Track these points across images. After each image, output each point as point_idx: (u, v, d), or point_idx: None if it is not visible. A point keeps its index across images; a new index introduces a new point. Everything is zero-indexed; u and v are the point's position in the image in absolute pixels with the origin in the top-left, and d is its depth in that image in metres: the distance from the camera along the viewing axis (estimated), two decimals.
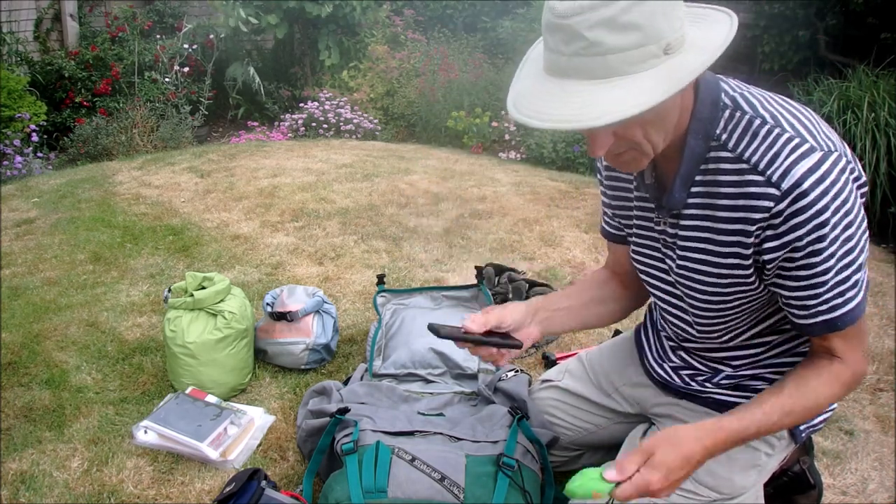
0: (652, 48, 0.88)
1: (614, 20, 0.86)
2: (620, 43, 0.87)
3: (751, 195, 1.00)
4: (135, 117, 4.98)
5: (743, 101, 1.03)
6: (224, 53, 6.30)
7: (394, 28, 6.28)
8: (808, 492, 1.47)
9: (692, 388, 1.30)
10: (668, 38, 0.89)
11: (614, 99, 0.88)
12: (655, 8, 0.87)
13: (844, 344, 1.07)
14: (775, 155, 0.98)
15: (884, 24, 4.51)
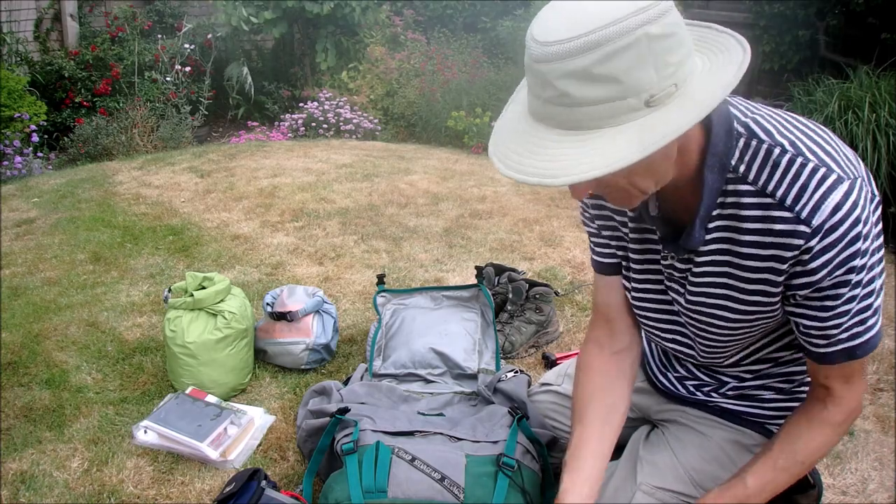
0: (631, 102, 0.80)
1: (587, 71, 0.78)
2: (591, 96, 0.80)
3: (779, 232, 0.94)
4: (135, 117, 4.98)
5: (757, 128, 0.96)
6: (224, 53, 6.30)
7: (393, 28, 6.28)
8: (808, 491, 1.47)
9: (697, 397, 1.29)
10: (653, 89, 0.80)
11: (580, 156, 0.81)
12: (639, 59, 0.78)
13: (845, 382, 1.04)
14: (802, 188, 0.91)
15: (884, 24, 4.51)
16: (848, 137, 3.97)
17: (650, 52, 0.78)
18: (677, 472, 1.25)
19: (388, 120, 5.63)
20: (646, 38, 0.77)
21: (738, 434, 1.24)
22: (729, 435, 1.25)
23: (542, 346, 2.19)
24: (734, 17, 5.80)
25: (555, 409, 1.54)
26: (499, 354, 2.00)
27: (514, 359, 2.13)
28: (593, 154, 0.81)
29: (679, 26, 0.82)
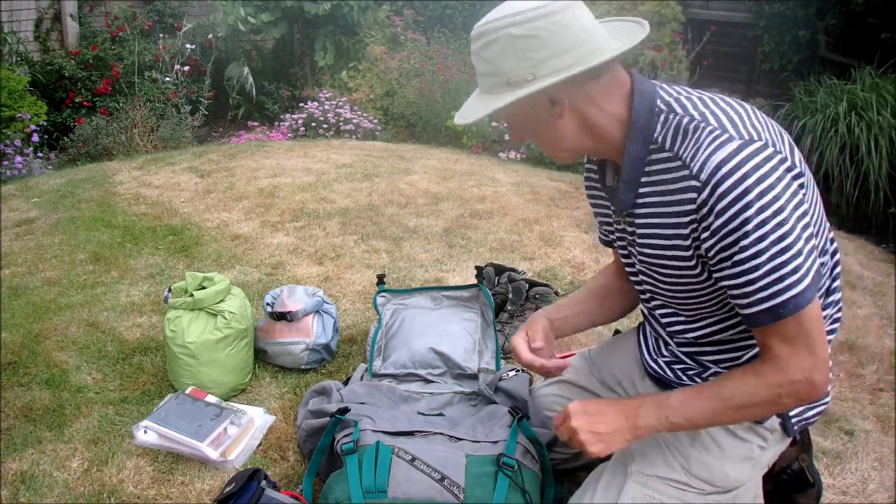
0: (498, 80, 1.09)
1: (477, 53, 1.11)
2: (482, 70, 1.12)
3: (682, 189, 1.07)
4: (135, 117, 4.98)
5: (677, 105, 1.10)
6: (223, 53, 6.30)
7: (393, 28, 6.28)
8: (808, 490, 1.47)
9: (684, 382, 1.31)
10: (511, 75, 1.07)
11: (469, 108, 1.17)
12: (501, 51, 1.07)
13: (785, 345, 1.07)
14: (697, 148, 1.04)
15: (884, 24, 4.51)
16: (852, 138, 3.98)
17: (511, 47, 1.06)
18: (667, 460, 1.26)
19: (388, 120, 5.63)
20: (508, 37, 1.05)
21: None
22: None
23: None
24: (734, 17, 5.80)
25: (559, 400, 1.55)
26: (499, 354, 2.00)
27: (513, 359, 2.13)
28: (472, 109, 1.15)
29: (548, 31, 1.04)
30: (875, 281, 2.88)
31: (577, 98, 1.10)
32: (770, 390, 1.09)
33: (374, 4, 6.03)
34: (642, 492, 1.24)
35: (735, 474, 1.25)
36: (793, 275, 1.01)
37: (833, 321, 1.26)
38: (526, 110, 1.13)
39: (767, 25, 5.35)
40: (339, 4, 5.59)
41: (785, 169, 1.01)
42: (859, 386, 2.10)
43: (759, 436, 1.25)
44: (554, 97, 1.09)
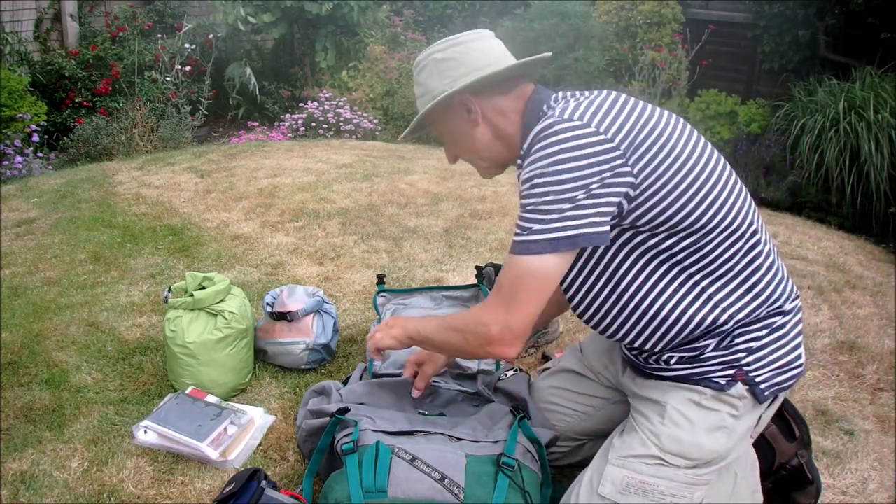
0: (427, 97, 1.34)
1: (415, 79, 1.38)
2: (418, 93, 1.37)
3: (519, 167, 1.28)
4: (135, 117, 4.98)
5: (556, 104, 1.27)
6: (224, 53, 6.31)
7: (393, 28, 6.28)
8: (807, 488, 1.47)
9: (650, 365, 1.34)
10: (435, 91, 1.32)
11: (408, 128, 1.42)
12: (429, 73, 1.34)
13: (495, 292, 1.22)
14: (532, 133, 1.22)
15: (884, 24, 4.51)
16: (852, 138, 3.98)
17: (436, 68, 1.33)
18: (642, 440, 1.30)
19: (388, 120, 5.64)
20: (434, 61, 1.33)
21: (690, 392, 1.29)
22: (683, 395, 1.29)
23: (541, 346, 2.19)
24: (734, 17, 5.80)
25: (555, 392, 1.60)
26: None
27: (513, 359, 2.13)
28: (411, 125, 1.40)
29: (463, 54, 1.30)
30: (875, 281, 2.88)
31: (487, 109, 1.32)
32: (468, 323, 1.28)
33: (374, 4, 6.03)
34: (621, 473, 1.28)
35: (709, 445, 1.27)
36: (526, 231, 1.15)
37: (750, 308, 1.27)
38: (449, 120, 1.35)
39: (767, 25, 5.35)
40: (340, 4, 5.59)
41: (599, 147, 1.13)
42: (859, 386, 2.10)
43: (727, 404, 1.27)
44: (469, 106, 1.31)
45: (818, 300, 2.62)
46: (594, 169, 1.13)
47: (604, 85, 5.66)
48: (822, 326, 2.42)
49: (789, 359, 1.28)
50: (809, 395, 2.03)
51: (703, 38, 5.51)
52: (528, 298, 1.18)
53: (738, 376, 1.25)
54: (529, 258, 1.15)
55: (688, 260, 1.22)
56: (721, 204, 1.21)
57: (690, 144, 1.22)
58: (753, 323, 1.26)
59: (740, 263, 1.24)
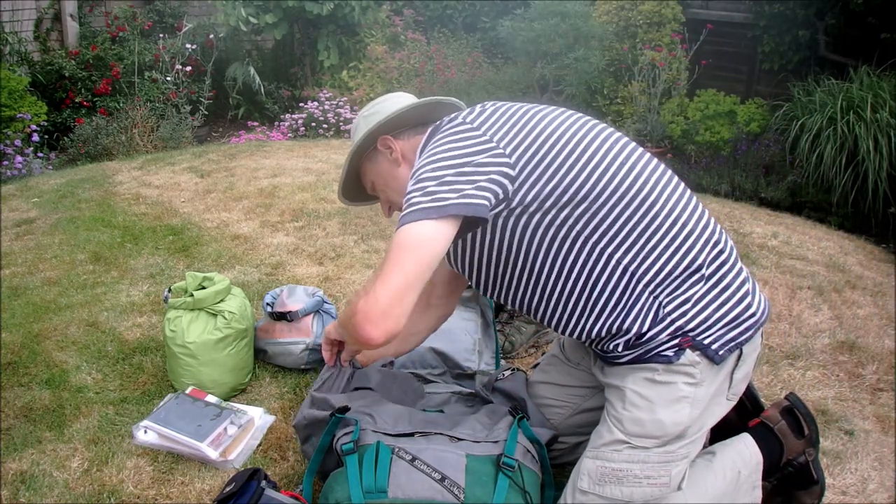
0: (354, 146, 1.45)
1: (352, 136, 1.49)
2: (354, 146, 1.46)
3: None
4: (135, 117, 4.98)
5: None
6: (224, 53, 6.31)
7: (393, 28, 6.28)
8: (811, 487, 1.48)
9: (609, 353, 1.35)
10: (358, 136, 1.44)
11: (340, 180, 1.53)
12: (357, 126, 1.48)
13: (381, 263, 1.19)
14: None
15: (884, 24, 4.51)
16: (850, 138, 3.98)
17: (363, 122, 1.46)
18: (609, 427, 1.33)
19: None
20: (361, 118, 1.48)
21: (644, 371, 1.30)
22: (638, 374, 1.31)
23: (541, 346, 2.19)
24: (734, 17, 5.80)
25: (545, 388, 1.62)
26: (499, 354, 1.99)
27: (514, 359, 2.13)
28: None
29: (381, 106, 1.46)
30: (875, 281, 2.88)
31: (406, 148, 1.42)
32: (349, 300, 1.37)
33: (375, 4, 6.03)
34: (594, 465, 1.31)
35: (671, 418, 1.28)
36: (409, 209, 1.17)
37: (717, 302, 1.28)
38: (377, 164, 1.46)
39: (767, 25, 5.35)
40: (341, 4, 5.59)
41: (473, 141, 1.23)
42: (859, 386, 2.10)
43: (681, 374, 1.28)
44: (389, 146, 1.42)
45: (818, 300, 2.62)
46: (465, 152, 1.22)
47: (604, 85, 5.66)
48: (822, 326, 2.42)
49: (736, 312, 1.28)
50: (809, 395, 2.03)
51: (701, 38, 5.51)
52: (397, 268, 1.14)
53: (685, 343, 1.26)
54: (404, 229, 1.16)
55: (587, 229, 1.25)
56: (602, 172, 1.24)
57: (567, 124, 1.29)
58: (677, 288, 1.26)
59: (640, 225, 1.25)
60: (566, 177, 1.23)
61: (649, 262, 1.25)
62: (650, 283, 1.26)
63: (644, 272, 1.26)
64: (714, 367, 1.28)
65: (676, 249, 1.26)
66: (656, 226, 1.25)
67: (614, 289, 1.27)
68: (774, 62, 5.40)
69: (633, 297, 1.27)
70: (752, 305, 1.30)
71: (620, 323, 1.29)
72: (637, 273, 1.26)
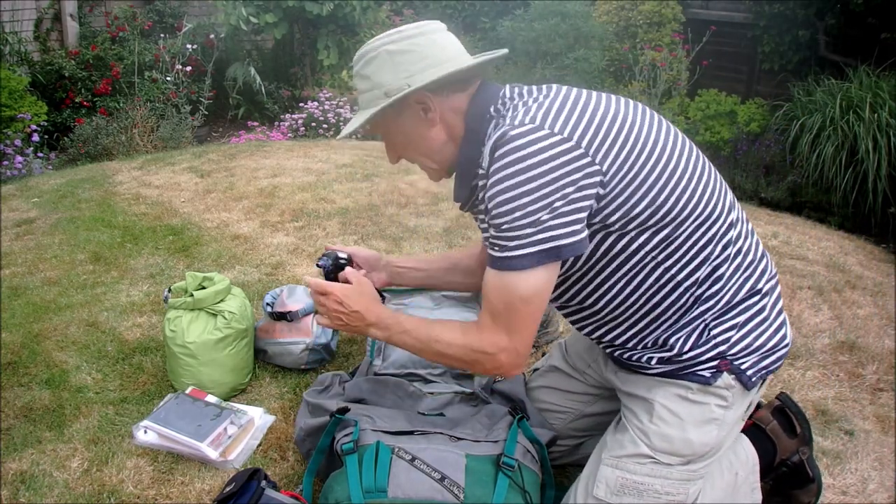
0: (376, 92, 1.24)
1: (359, 73, 1.27)
2: (361, 87, 1.27)
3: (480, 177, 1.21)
4: (135, 117, 4.98)
5: (503, 108, 1.21)
6: (224, 53, 6.31)
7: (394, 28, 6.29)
8: (808, 486, 1.47)
9: (632, 362, 1.33)
10: (389, 86, 1.22)
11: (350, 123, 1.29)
12: (380, 66, 1.23)
13: (489, 317, 1.18)
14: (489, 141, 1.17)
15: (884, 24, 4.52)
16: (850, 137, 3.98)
17: (389, 61, 1.22)
18: (633, 438, 1.29)
19: None
20: (386, 53, 1.22)
21: (677, 388, 1.27)
22: (670, 390, 1.28)
23: (541, 346, 2.19)
24: (734, 17, 5.80)
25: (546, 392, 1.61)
26: None
27: None
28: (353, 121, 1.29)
29: (422, 46, 1.21)
30: (875, 281, 2.88)
31: (445, 108, 1.25)
32: (463, 350, 1.24)
33: (375, 4, 6.04)
34: (615, 474, 1.27)
35: (700, 439, 1.26)
36: (514, 240, 1.11)
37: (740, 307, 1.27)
38: (400, 119, 1.27)
39: (767, 25, 5.35)
40: (341, 4, 5.59)
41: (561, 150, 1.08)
42: (859, 386, 2.10)
43: (715, 396, 1.26)
44: (427, 105, 1.23)
45: (818, 300, 2.62)
46: (563, 172, 1.08)
47: (604, 85, 5.66)
48: (822, 326, 2.42)
49: (774, 342, 1.27)
50: (809, 395, 2.03)
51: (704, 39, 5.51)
52: (527, 320, 1.16)
53: (723, 366, 1.24)
54: (517, 276, 1.12)
55: (661, 254, 1.19)
56: (692, 192, 1.17)
57: (654, 132, 1.18)
58: (728, 310, 1.24)
59: (712, 255, 1.22)
60: (655, 200, 1.14)
61: (714, 290, 1.23)
62: (708, 310, 1.23)
63: (707, 299, 1.23)
64: (745, 392, 1.27)
65: (740, 279, 1.25)
66: (725, 255, 1.23)
67: (669, 308, 1.23)
68: (774, 62, 5.40)
69: (686, 318, 1.24)
70: (786, 336, 1.30)
71: (665, 338, 1.26)
72: (700, 298, 1.23)
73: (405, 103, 1.23)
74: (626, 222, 1.15)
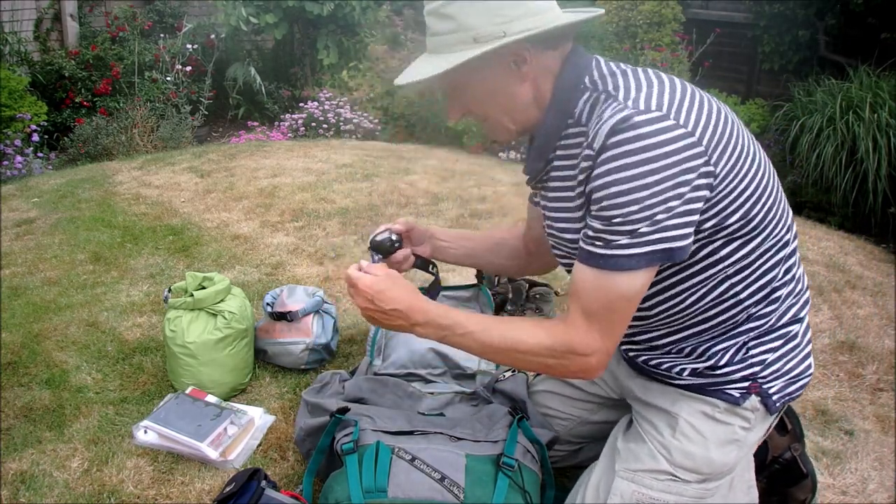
0: (461, 36, 1.08)
1: (438, 11, 1.10)
2: (440, 28, 1.11)
3: (582, 157, 1.08)
4: (135, 117, 4.98)
5: (601, 82, 1.10)
6: (224, 53, 6.30)
7: (393, 28, 6.28)
8: (802, 482, 1.47)
9: (659, 372, 1.31)
10: (479, 31, 1.07)
11: (419, 68, 1.13)
12: (471, 6, 1.07)
13: (584, 318, 1.08)
14: (599, 119, 1.05)
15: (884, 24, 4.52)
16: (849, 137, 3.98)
17: (482, 3, 1.07)
18: (652, 452, 1.26)
19: (388, 120, 5.64)
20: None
21: (703, 405, 1.25)
22: (695, 407, 1.25)
23: None
24: (734, 17, 5.80)
25: (550, 397, 1.58)
26: None
27: None
28: (425, 67, 1.12)
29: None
30: (875, 281, 2.88)
31: (538, 65, 1.12)
32: (547, 352, 1.12)
33: (375, 4, 6.04)
34: (631, 488, 1.24)
35: (721, 459, 1.24)
36: (625, 237, 1.02)
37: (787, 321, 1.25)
38: (488, 71, 1.12)
39: (767, 25, 5.35)
40: (341, 4, 5.59)
41: (684, 144, 1.00)
42: (859, 386, 2.10)
43: (740, 417, 1.24)
44: (523, 57, 1.10)
45: (818, 300, 2.62)
46: (683, 169, 0.99)
47: None
48: (822, 326, 2.42)
49: (801, 368, 1.25)
50: (809, 395, 2.03)
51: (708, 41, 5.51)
52: (621, 321, 1.09)
53: (753, 388, 1.21)
54: (621, 276, 1.04)
55: (732, 269, 1.14)
56: (775, 209, 1.13)
57: (747, 136, 1.12)
58: (769, 333, 1.22)
59: (779, 274, 1.18)
60: (749, 211, 1.09)
61: (766, 311, 1.20)
62: (754, 329, 1.21)
63: (757, 318, 1.20)
64: (767, 417, 1.26)
65: (790, 304, 1.23)
66: (785, 280, 1.21)
67: (721, 322, 1.20)
68: (774, 62, 5.40)
69: (731, 333, 1.21)
70: (811, 365, 1.28)
71: (704, 349, 1.22)
72: (752, 316, 1.20)
73: (496, 52, 1.07)
74: (718, 230, 1.08)
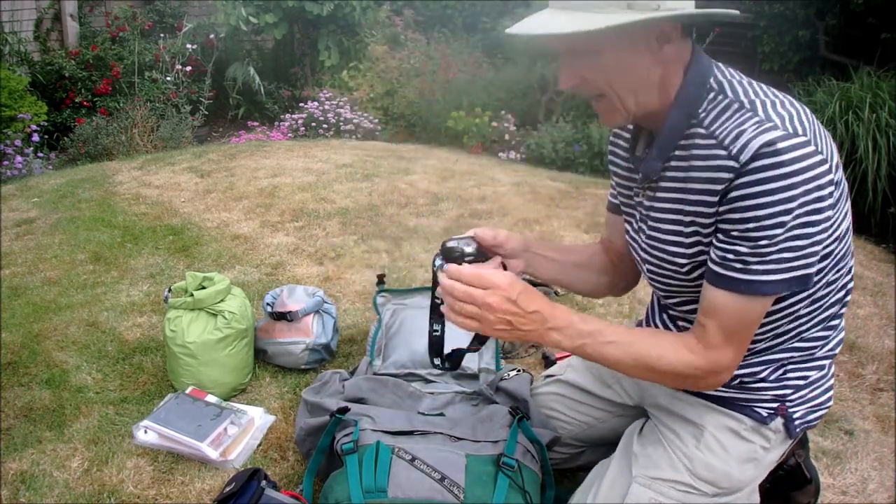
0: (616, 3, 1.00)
1: None
2: None
3: (716, 168, 1.04)
4: (135, 117, 4.98)
5: (728, 87, 1.08)
6: (224, 53, 6.31)
7: (394, 28, 6.28)
8: (805, 487, 1.47)
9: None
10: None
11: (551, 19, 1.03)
12: None
13: (722, 336, 1.07)
14: (740, 132, 1.01)
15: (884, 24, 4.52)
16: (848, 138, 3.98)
17: None
18: (672, 462, 1.25)
19: (388, 120, 5.64)
20: None
21: (730, 419, 1.24)
22: (721, 421, 1.25)
23: (541, 346, 2.19)
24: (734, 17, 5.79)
25: (557, 399, 1.56)
26: (499, 354, 1.99)
27: (514, 358, 2.13)
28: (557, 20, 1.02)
29: None
30: (875, 281, 2.88)
31: (675, 49, 1.07)
32: (685, 368, 1.10)
33: (375, 4, 6.04)
34: (647, 494, 1.23)
35: (739, 475, 1.24)
36: (771, 269, 1.01)
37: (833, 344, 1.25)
38: (627, 42, 1.04)
39: (767, 25, 5.35)
40: (341, 4, 5.60)
41: (823, 171, 0.99)
42: (859, 386, 2.10)
43: (762, 437, 1.24)
44: (668, 37, 1.05)
45: None
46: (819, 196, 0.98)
47: None
48: None
49: (824, 398, 1.27)
50: None
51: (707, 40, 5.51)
52: (750, 338, 1.10)
53: (780, 410, 1.22)
54: (758, 300, 1.05)
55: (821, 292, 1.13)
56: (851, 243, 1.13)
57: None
58: (809, 360, 1.22)
59: (839, 311, 1.20)
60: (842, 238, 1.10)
61: (818, 336, 1.21)
62: (799, 351, 1.21)
63: (806, 340, 1.21)
64: (785, 440, 1.26)
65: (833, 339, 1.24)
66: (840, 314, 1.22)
67: (775, 345, 1.20)
68: (774, 62, 5.40)
69: (779, 349, 1.21)
70: (832, 397, 1.29)
71: (746, 361, 1.21)
72: (804, 339, 1.21)
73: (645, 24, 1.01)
74: (823, 258, 1.08)
